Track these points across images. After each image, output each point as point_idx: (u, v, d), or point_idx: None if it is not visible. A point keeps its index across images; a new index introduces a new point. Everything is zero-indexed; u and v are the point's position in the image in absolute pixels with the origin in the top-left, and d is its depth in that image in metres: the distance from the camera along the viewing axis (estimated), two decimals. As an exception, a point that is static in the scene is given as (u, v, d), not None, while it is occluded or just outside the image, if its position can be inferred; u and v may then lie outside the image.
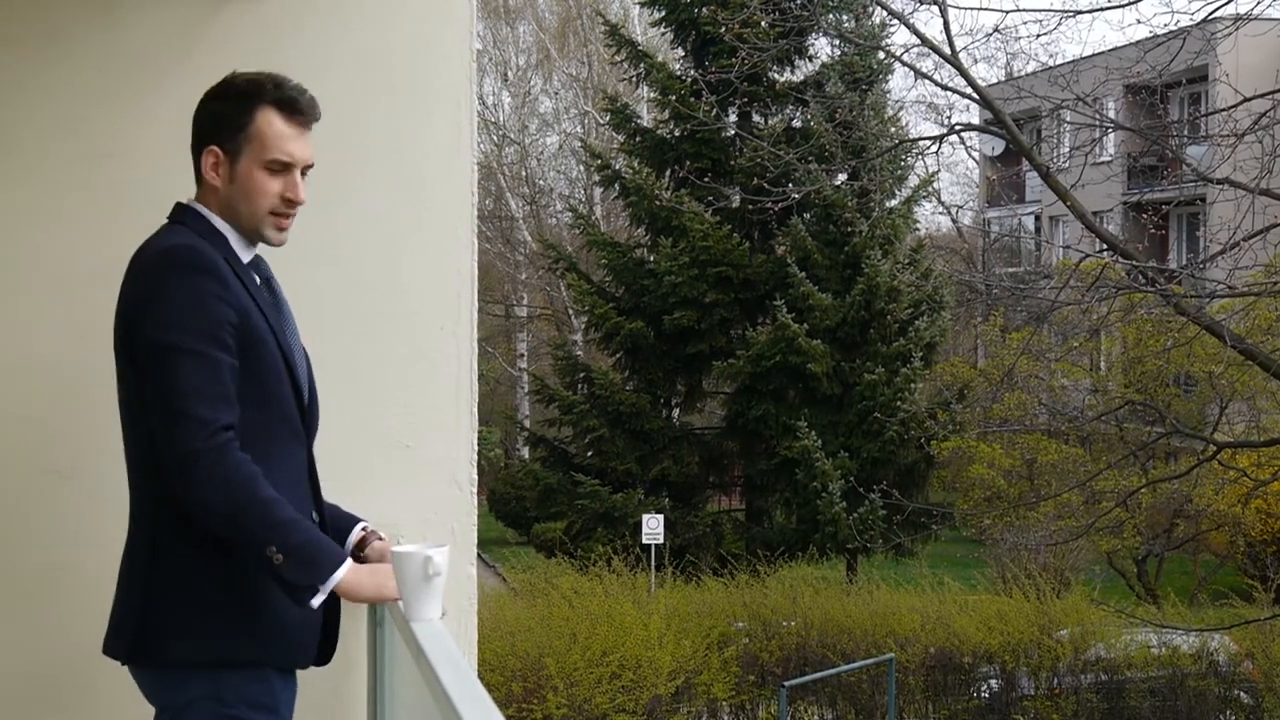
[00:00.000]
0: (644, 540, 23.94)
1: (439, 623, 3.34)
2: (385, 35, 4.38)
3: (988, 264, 38.50)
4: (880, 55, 26.11)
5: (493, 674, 16.01)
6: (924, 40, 17.43)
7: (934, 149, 19.15)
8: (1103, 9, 15.65)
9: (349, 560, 3.37)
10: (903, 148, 24.30)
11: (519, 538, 33.61)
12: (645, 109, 33.78)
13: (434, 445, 4.36)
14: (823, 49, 28.14)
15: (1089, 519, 19.97)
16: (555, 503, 27.13)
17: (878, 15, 25.69)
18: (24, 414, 4.17)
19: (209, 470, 3.23)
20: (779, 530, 26.44)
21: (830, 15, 25.51)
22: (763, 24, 21.49)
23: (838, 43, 27.09)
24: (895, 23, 21.01)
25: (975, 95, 17.76)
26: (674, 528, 25.69)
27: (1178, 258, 30.57)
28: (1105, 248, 16.79)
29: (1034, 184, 37.62)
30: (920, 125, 51.20)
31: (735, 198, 25.87)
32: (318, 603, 3.34)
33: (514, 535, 34.26)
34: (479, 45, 4.70)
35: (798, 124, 27.00)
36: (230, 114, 3.46)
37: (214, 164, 3.46)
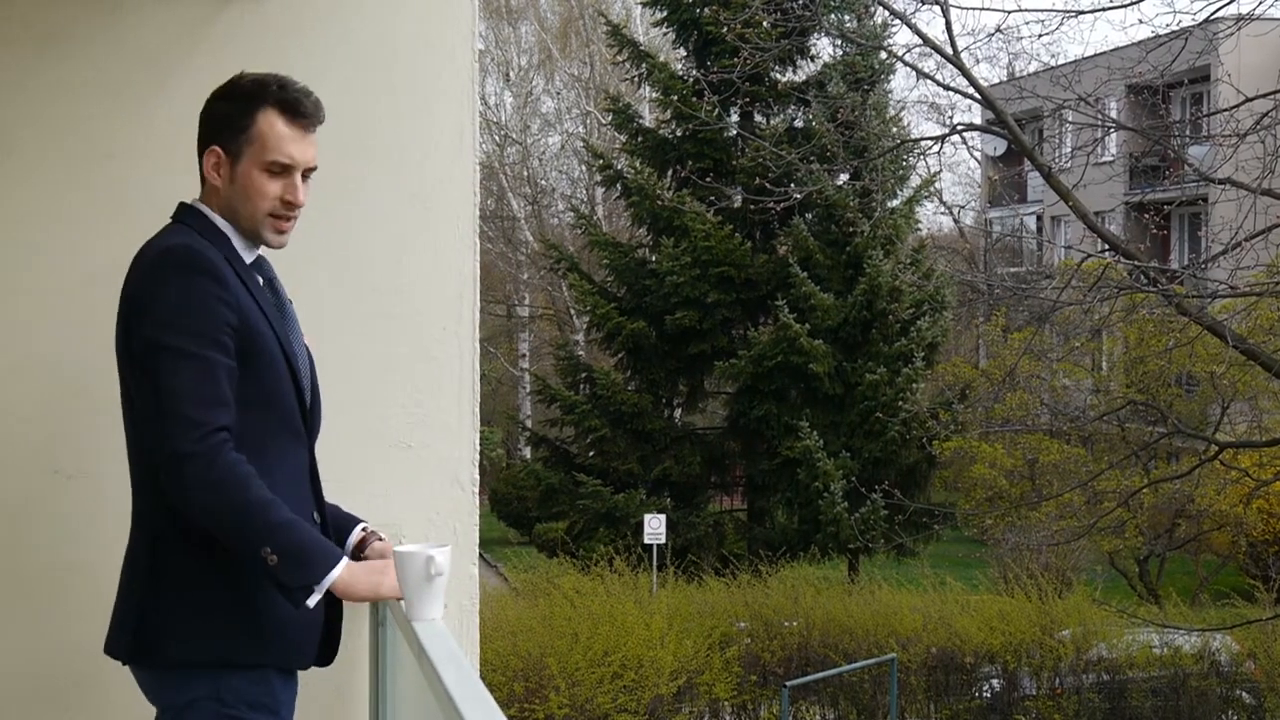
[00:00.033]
0: (646, 540, 23.94)
1: (441, 622, 3.34)
2: (387, 35, 4.38)
3: (989, 264, 38.54)
4: (882, 55, 26.09)
5: (495, 674, 16.00)
6: (926, 40, 17.44)
7: (936, 149, 19.17)
8: (1104, 9, 15.66)
9: (344, 559, 3.36)
10: (905, 148, 24.29)
11: (521, 538, 33.61)
12: (647, 109, 33.76)
13: (436, 445, 4.36)
14: (825, 49, 28.18)
15: (1091, 519, 19.97)
16: (557, 503, 27.13)
17: (880, 15, 25.70)
18: (26, 414, 4.16)
19: (201, 472, 3.22)
20: (781, 530, 26.42)
21: (832, 15, 25.51)
22: (765, 24, 21.48)
23: (839, 43, 27.09)
24: (897, 23, 21.01)
25: (977, 95, 17.77)
26: (676, 528, 25.69)
27: (1179, 258, 30.57)
28: (1107, 248, 16.79)
29: (1036, 184, 37.64)
30: (922, 125, 51.18)
31: (737, 198, 25.85)
32: (314, 603, 3.33)
33: (516, 535, 34.26)
34: (481, 45, 4.70)
35: (800, 124, 26.99)
36: (233, 114, 3.44)
37: (215, 164, 3.45)
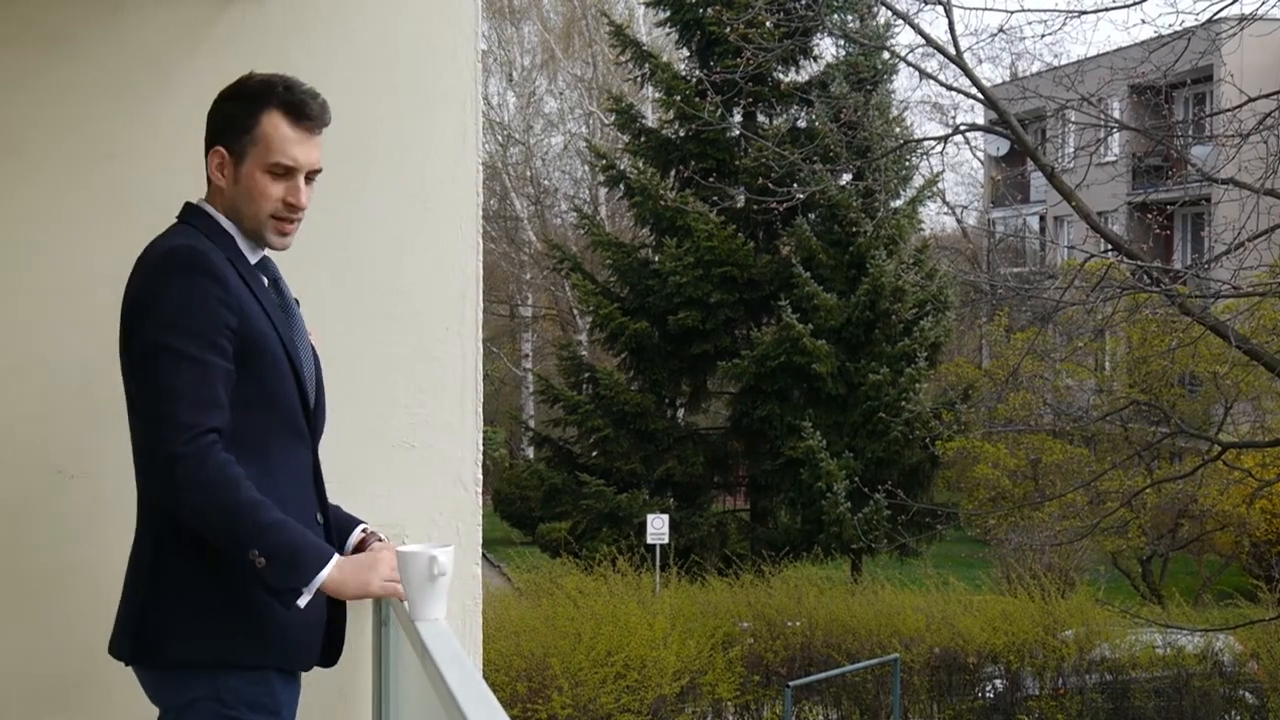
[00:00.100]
0: (649, 540, 23.92)
1: (444, 622, 3.34)
2: (389, 36, 4.38)
3: (992, 264, 38.54)
4: (885, 55, 26.09)
5: (497, 674, 15.99)
6: (929, 40, 17.44)
7: (939, 149, 19.19)
8: (1107, 9, 15.65)
9: (334, 559, 3.34)
10: (907, 148, 24.28)
11: (524, 538, 33.59)
12: (650, 109, 33.73)
13: (439, 445, 4.36)
14: (827, 49, 28.17)
15: (1094, 519, 19.97)
16: (560, 503, 27.13)
17: (882, 15, 25.72)
18: (29, 414, 4.16)
19: (189, 474, 3.21)
20: (784, 530, 26.42)
21: (835, 15, 25.51)
22: (767, 24, 21.49)
23: (842, 43, 27.09)
24: (900, 23, 21.00)
25: (980, 95, 17.76)
26: (679, 528, 25.68)
27: (1182, 258, 30.55)
28: (1110, 248, 16.78)
29: (1039, 184, 37.65)
30: (925, 125, 50.98)
31: (740, 198, 25.85)
32: (303, 603, 3.32)
33: (519, 535, 34.24)
34: (484, 45, 4.69)
35: (802, 124, 26.98)
36: (238, 115, 3.44)
37: (219, 164, 3.45)
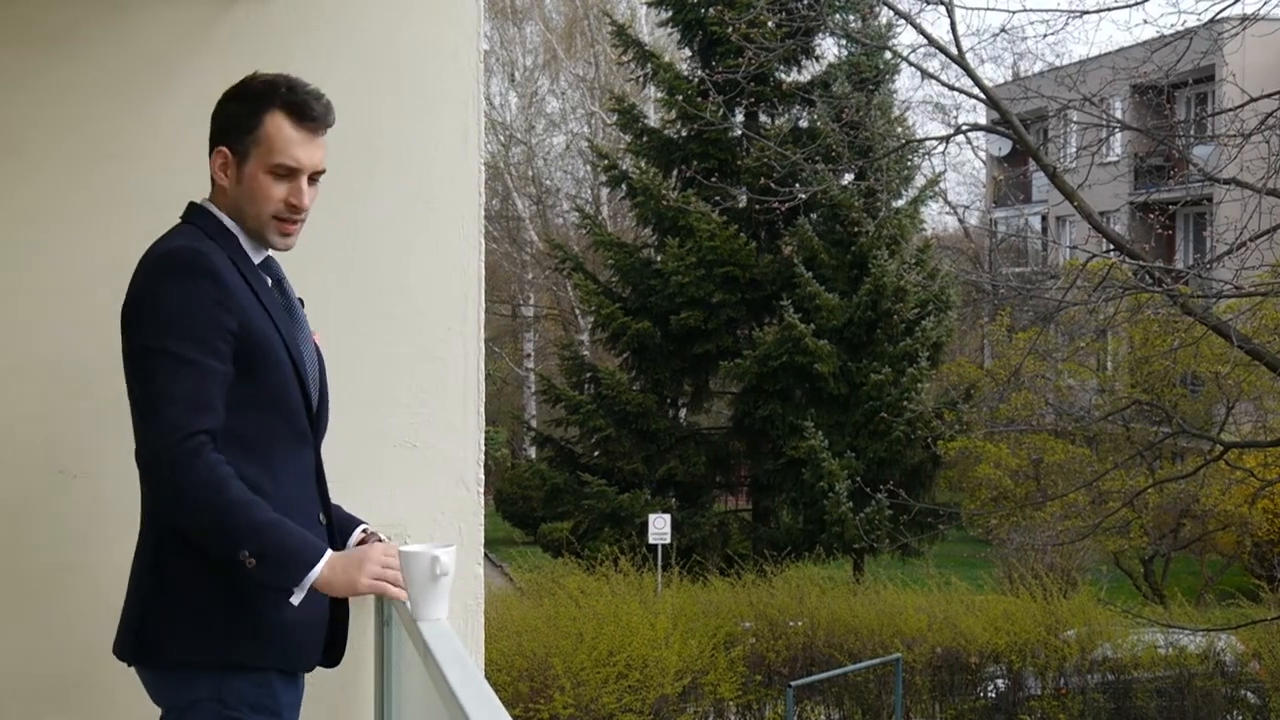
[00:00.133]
0: (651, 540, 23.92)
1: (446, 622, 3.34)
2: (392, 36, 4.38)
3: (994, 264, 38.52)
4: (887, 55, 26.08)
5: (499, 674, 15.99)
6: (931, 40, 17.43)
7: (941, 149, 19.18)
8: (1109, 9, 15.66)
9: (325, 557, 3.32)
10: (909, 148, 24.25)
11: (526, 537, 33.58)
12: (652, 109, 33.70)
13: (441, 445, 4.36)
14: (829, 49, 28.15)
15: (1095, 519, 19.97)
16: (562, 502, 27.12)
17: (884, 15, 25.71)
18: (32, 414, 4.17)
19: (175, 476, 3.21)
20: (786, 530, 26.41)
21: (837, 15, 25.48)
22: (769, 24, 21.51)
23: (844, 43, 27.07)
24: (902, 23, 20.97)
25: (982, 95, 17.74)
26: (681, 527, 25.68)
27: (1184, 258, 30.57)
28: (1112, 248, 16.77)
29: (1041, 184, 37.62)
30: (927, 125, 51.01)
31: (742, 198, 25.83)
32: (297, 601, 3.32)
33: (521, 535, 34.23)
34: (486, 46, 4.69)
35: (804, 124, 26.96)
36: (242, 115, 3.43)
37: (223, 164, 3.45)
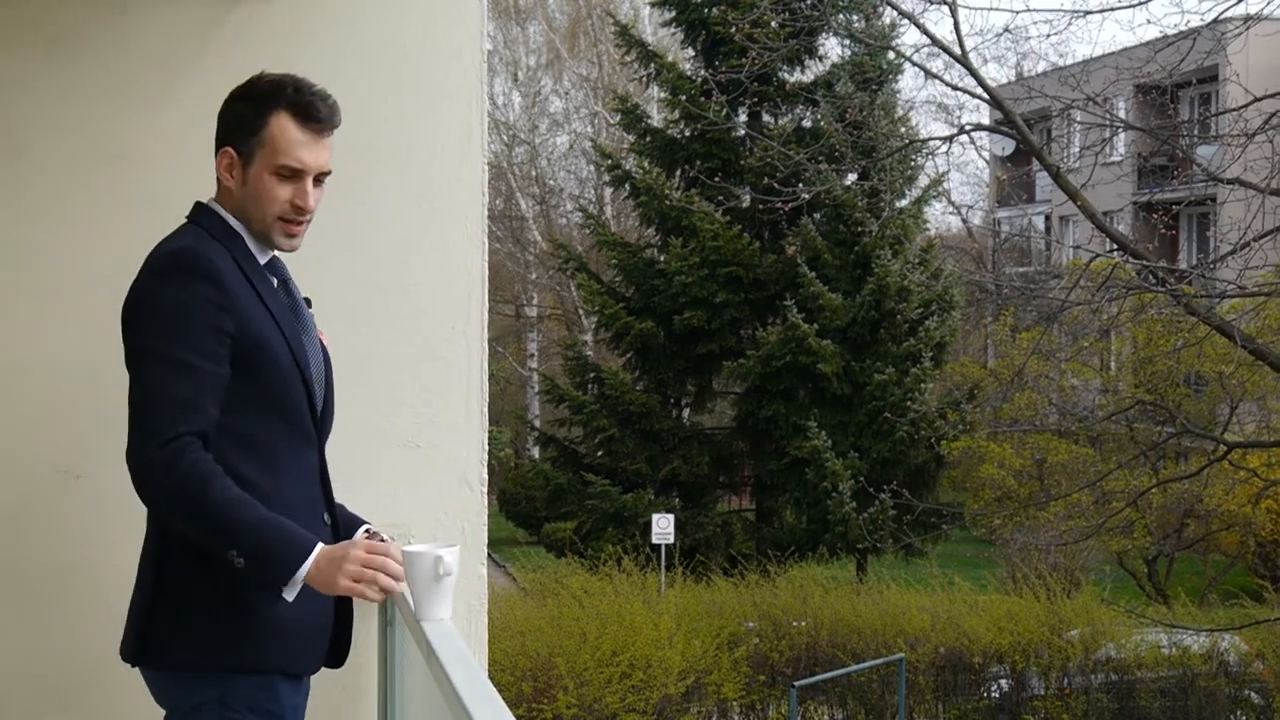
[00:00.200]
0: (654, 540, 23.92)
1: (449, 622, 3.33)
2: (395, 36, 4.38)
3: (998, 264, 38.50)
4: (890, 55, 26.07)
5: (503, 674, 15.98)
6: (934, 40, 17.43)
7: (944, 149, 19.23)
8: (1113, 9, 15.63)
9: (314, 553, 3.28)
10: (913, 148, 24.23)
11: (529, 537, 33.59)
12: (655, 109, 33.70)
13: (444, 445, 4.36)
14: (833, 49, 28.13)
15: (1099, 519, 19.96)
16: (565, 503, 27.11)
17: (888, 15, 25.67)
18: (35, 414, 4.17)
19: (159, 478, 3.20)
20: (789, 530, 26.39)
21: (840, 15, 25.47)
22: (773, 24, 21.51)
23: (848, 43, 27.06)
24: (905, 23, 20.97)
25: (985, 95, 17.74)
26: (684, 528, 25.66)
27: (1188, 258, 30.55)
28: (1115, 248, 16.78)
29: (1044, 184, 37.59)
30: (930, 125, 51.13)
31: (745, 198, 25.84)
32: (290, 597, 3.30)
33: (524, 535, 34.24)
34: (489, 45, 4.70)
35: (808, 124, 26.94)
36: (247, 116, 3.43)
37: (228, 165, 3.44)
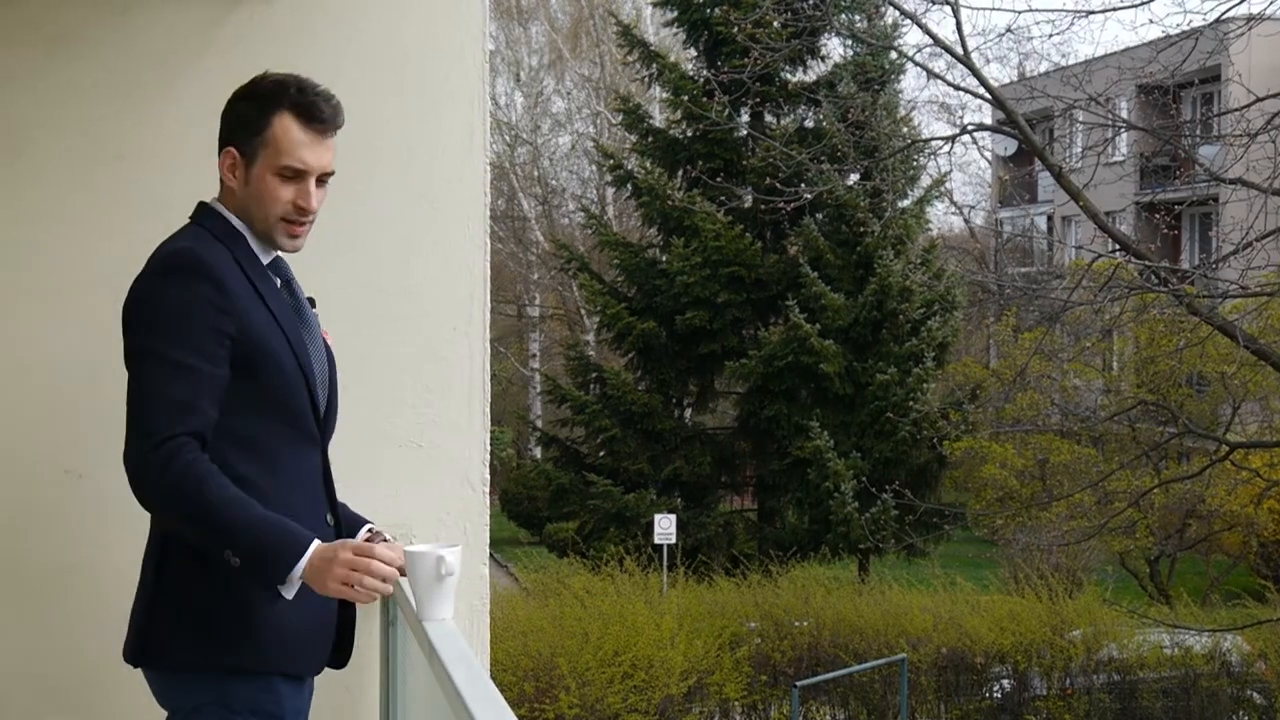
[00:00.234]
0: (656, 540, 23.91)
1: (451, 622, 3.33)
2: (397, 36, 4.38)
3: (1000, 264, 38.46)
4: (893, 55, 26.07)
5: (505, 674, 15.98)
6: (936, 40, 17.41)
7: (946, 149, 19.25)
8: (1115, 9, 15.62)
9: (309, 551, 3.25)
10: (915, 148, 24.23)
11: (531, 538, 33.59)
12: (657, 109, 33.73)
13: (447, 445, 4.36)
14: (835, 49, 28.11)
15: (1101, 519, 19.94)
16: (567, 503, 27.12)
17: (890, 15, 25.66)
18: (39, 414, 4.16)
19: (154, 479, 3.20)
20: (791, 530, 26.40)
21: (842, 15, 25.49)
22: (775, 24, 21.50)
23: (850, 43, 27.05)
24: (907, 23, 20.98)
25: (988, 95, 17.74)
26: (686, 528, 25.65)
27: (1190, 258, 30.53)
28: (1118, 248, 16.77)
29: (1046, 184, 37.59)
30: (933, 125, 51.01)
31: (747, 198, 25.83)
32: (290, 595, 3.30)
33: (526, 535, 34.24)
34: (491, 46, 4.69)
35: (810, 124, 26.95)
36: (250, 115, 3.42)
37: (231, 165, 3.44)
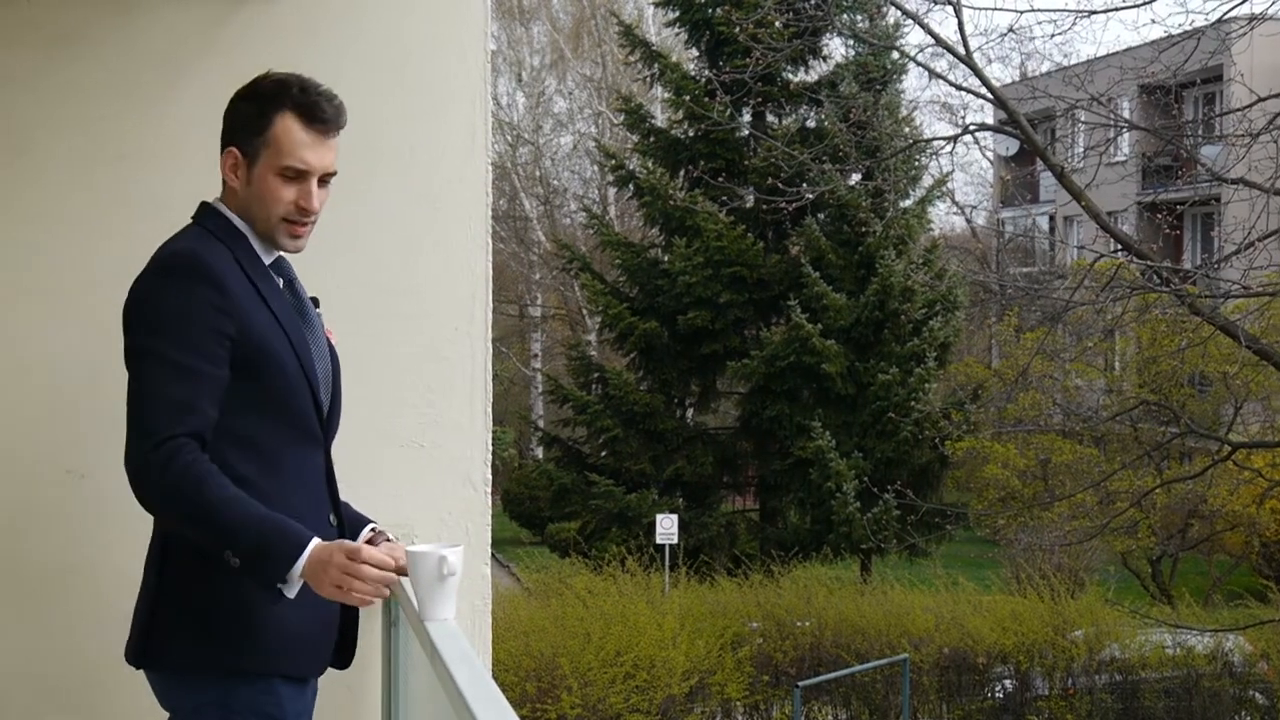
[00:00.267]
0: (658, 540, 23.92)
1: (453, 622, 3.32)
2: (399, 36, 4.37)
3: (1002, 264, 38.42)
4: (894, 55, 26.08)
5: (507, 674, 15.98)
6: (938, 40, 17.40)
7: (948, 149, 19.27)
8: (1117, 9, 15.61)
9: (308, 550, 3.23)
10: (917, 148, 24.25)
11: (533, 538, 33.59)
12: (659, 109, 33.73)
13: (448, 445, 4.35)
14: (837, 49, 28.13)
15: (1103, 519, 19.93)
16: (569, 503, 27.12)
17: (892, 15, 25.65)
18: (39, 414, 4.16)
19: (154, 479, 3.19)
20: (793, 530, 26.40)
21: (844, 15, 25.48)
22: (777, 24, 21.49)
23: (852, 43, 27.06)
24: (909, 23, 20.98)
25: (990, 95, 17.73)
26: (688, 528, 25.66)
27: (1192, 258, 30.51)
28: (1120, 248, 16.77)
29: (1048, 184, 37.56)
30: (934, 125, 51.02)
31: (749, 198, 25.84)
32: (292, 594, 3.28)
33: (528, 535, 34.24)
34: (493, 46, 4.69)
35: (812, 124, 26.97)
36: (252, 115, 3.41)
37: (232, 165, 3.43)
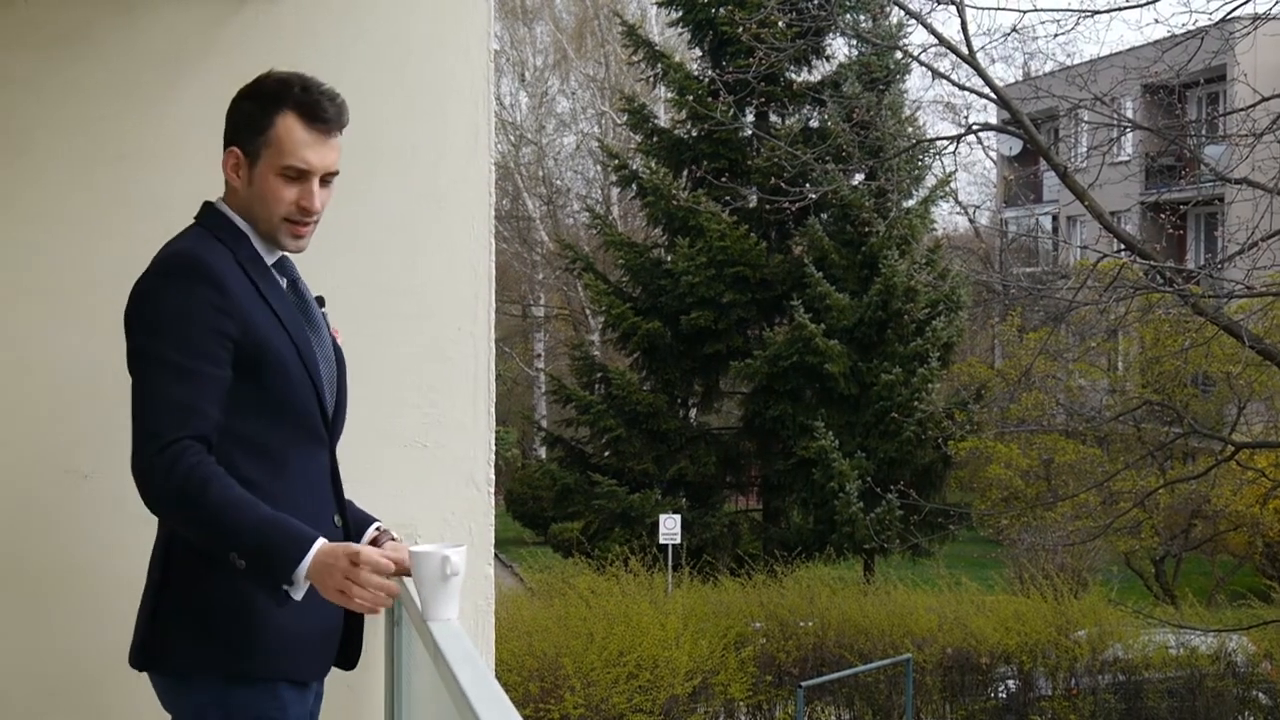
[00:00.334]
0: (661, 540, 23.91)
1: (456, 623, 3.32)
2: (402, 35, 4.37)
3: (1005, 264, 38.46)
4: (898, 55, 26.05)
5: (510, 674, 15.99)
6: (941, 40, 17.41)
7: (951, 149, 19.19)
8: (1120, 9, 15.61)
9: (313, 550, 3.21)
10: (920, 148, 24.24)
11: (536, 538, 33.58)
12: (662, 109, 33.72)
13: (451, 445, 4.35)
14: (840, 49, 28.13)
15: (1106, 519, 19.93)
16: (572, 503, 27.12)
17: (895, 15, 25.64)
18: (43, 414, 4.16)
19: (158, 482, 3.18)
20: (796, 530, 26.39)
21: (847, 15, 25.47)
22: (780, 24, 21.45)
23: (855, 43, 27.05)
24: (913, 22, 20.94)
25: (993, 95, 17.74)
26: (691, 528, 25.67)
27: (1195, 258, 30.51)
28: (1123, 248, 16.76)
29: (1051, 184, 37.54)
30: (938, 125, 51.01)
31: (752, 198, 25.85)
32: (299, 596, 3.26)
33: (531, 535, 34.23)
34: (496, 45, 4.69)
35: (815, 124, 26.97)
36: (254, 115, 3.39)
37: (234, 165, 3.41)
